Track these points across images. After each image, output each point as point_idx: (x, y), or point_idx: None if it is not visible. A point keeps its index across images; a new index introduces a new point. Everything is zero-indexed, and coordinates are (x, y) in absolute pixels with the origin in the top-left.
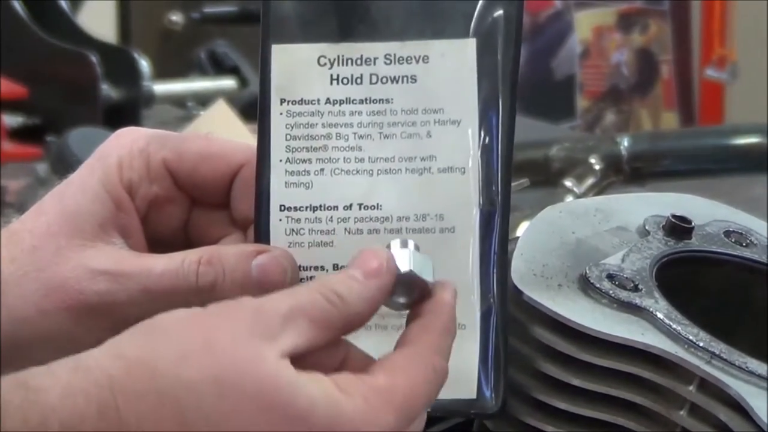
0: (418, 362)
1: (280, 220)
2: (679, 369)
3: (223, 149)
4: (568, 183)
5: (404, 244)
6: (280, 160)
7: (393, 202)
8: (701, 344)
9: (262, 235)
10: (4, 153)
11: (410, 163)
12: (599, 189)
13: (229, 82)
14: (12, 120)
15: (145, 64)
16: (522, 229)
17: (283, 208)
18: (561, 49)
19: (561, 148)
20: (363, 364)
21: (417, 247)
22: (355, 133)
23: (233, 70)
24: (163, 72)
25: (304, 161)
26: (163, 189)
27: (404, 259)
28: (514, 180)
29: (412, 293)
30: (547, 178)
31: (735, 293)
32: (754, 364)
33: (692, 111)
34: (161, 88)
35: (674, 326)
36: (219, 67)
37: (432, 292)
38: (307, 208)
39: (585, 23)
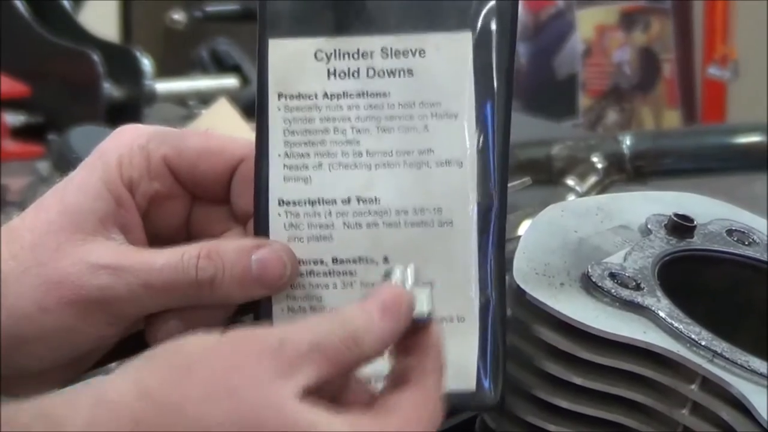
0: (426, 406)
1: (279, 214)
2: (681, 368)
3: (222, 145)
4: (570, 182)
5: (404, 276)
6: (279, 155)
7: (391, 196)
8: (703, 343)
9: (261, 229)
10: (6, 151)
11: (408, 157)
12: (601, 188)
13: (230, 81)
14: (14, 118)
15: (147, 63)
16: (524, 228)
17: (281, 202)
18: (563, 47)
19: (563, 147)
20: (363, 390)
21: (415, 273)
22: (352, 127)
23: (235, 69)
24: (165, 70)
25: (302, 156)
26: (164, 185)
27: (423, 301)
28: (516, 179)
29: (412, 325)
30: (549, 176)
31: (737, 292)
32: (756, 363)
33: (694, 109)
34: (163, 86)
35: (676, 325)
36: (221, 65)
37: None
38: (305, 202)
39: (587, 22)
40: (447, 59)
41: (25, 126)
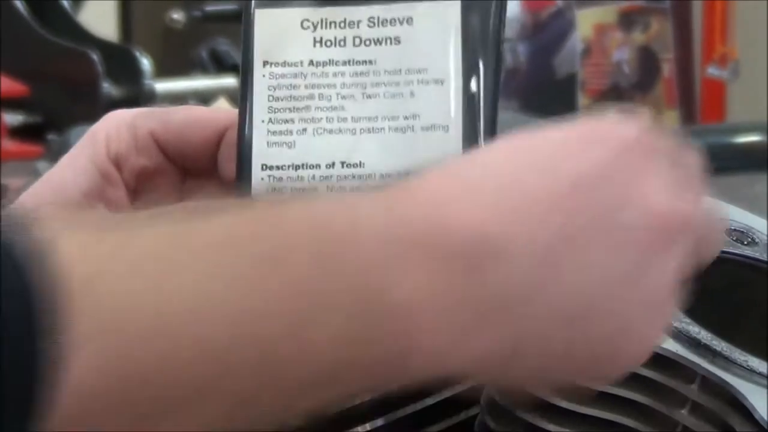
0: None
1: (263, 179)
2: (681, 367)
3: (206, 115)
4: None
5: None
6: (263, 121)
7: (376, 160)
8: (703, 342)
9: (243, 193)
10: (5, 151)
11: (393, 122)
12: None
13: (230, 80)
14: (13, 118)
15: (146, 63)
16: None
17: (265, 167)
18: (562, 47)
19: None
20: None
21: None
22: (338, 94)
23: (234, 68)
24: (165, 70)
25: (286, 121)
26: (152, 160)
27: None
28: None
29: None
30: None
31: (736, 291)
32: (756, 363)
33: (693, 109)
34: (162, 86)
35: (676, 324)
36: (220, 65)
37: None
38: (289, 166)
39: (586, 21)
40: (434, 27)
41: (24, 126)
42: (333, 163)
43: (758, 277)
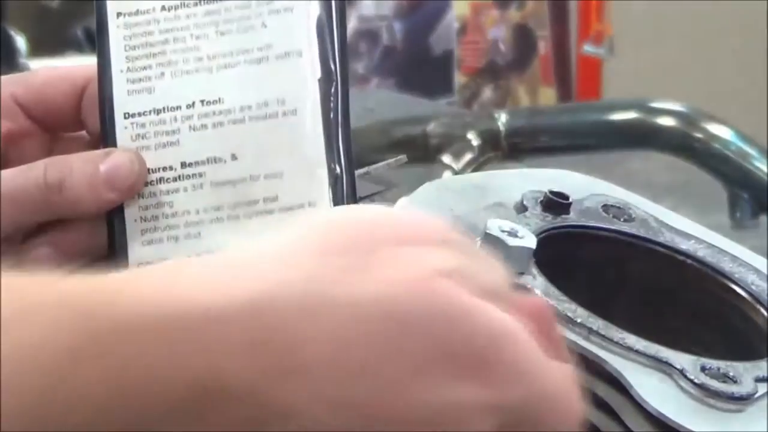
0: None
1: (126, 127)
2: None
3: (66, 71)
4: (446, 159)
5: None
6: (121, 71)
7: (234, 94)
8: (579, 320)
9: (109, 144)
10: None
11: (248, 55)
12: (477, 165)
13: None
14: None
15: (21, 41)
16: (399, 206)
17: (127, 115)
18: (439, 24)
19: (439, 124)
20: None
21: None
22: (191, 35)
23: None
24: (40, 49)
25: (144, 68)
26: (16, 123)
27: None
28: (391, 156)
29: None
30: (425, 154)
31: (613, 267)
32: (632, 340)
33: (570, 87)
34: (37, 65)
35: (552, 302)
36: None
37: None
38: (150, 111)
39: None
40: None
41: None
42: (193, 103)
43: (635, 253)
